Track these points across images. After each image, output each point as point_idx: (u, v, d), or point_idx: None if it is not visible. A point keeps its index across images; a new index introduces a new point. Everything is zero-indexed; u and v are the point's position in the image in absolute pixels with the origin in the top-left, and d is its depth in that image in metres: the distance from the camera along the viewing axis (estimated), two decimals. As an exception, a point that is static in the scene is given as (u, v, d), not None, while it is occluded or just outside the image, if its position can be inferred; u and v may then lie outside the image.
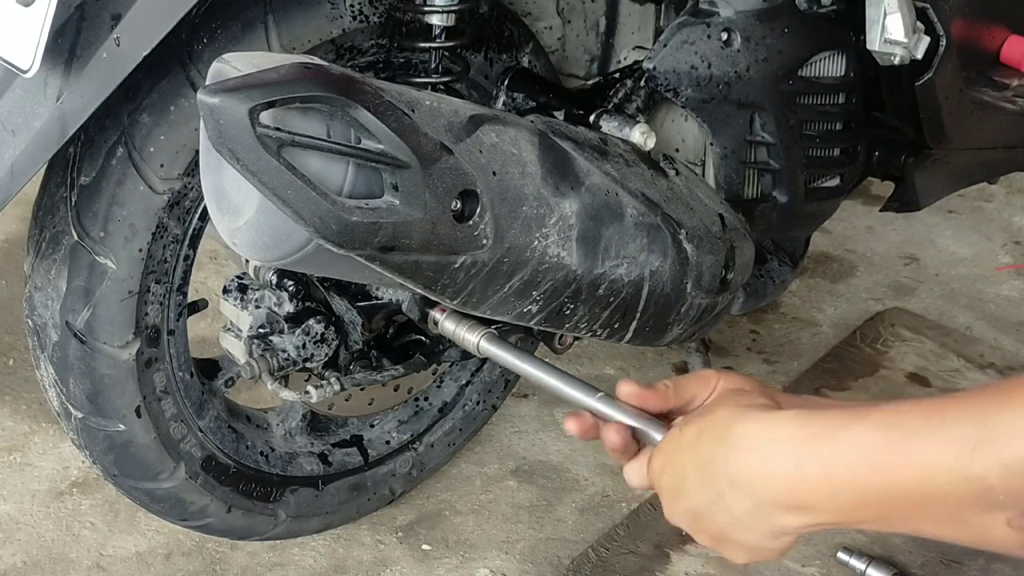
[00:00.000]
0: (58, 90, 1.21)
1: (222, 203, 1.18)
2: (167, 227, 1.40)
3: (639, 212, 1.41)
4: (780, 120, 1.60)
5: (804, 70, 1.61)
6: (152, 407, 1.50)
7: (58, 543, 1.83)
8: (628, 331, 1.47)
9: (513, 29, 1.62)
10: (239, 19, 1.36)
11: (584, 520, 1.93)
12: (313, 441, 1.77)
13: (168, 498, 1.59)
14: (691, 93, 1.53)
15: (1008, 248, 2.78)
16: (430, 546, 1.87)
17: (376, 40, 1.47)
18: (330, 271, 1.37)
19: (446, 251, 1.19)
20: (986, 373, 2.30)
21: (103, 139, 1.35)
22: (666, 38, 1.52)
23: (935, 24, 1.64)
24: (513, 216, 1.24)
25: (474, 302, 1.28)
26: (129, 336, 1.44)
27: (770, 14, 1.55)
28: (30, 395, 2.12)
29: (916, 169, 1.82)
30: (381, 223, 1.12)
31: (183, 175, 1.38)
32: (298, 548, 1.84)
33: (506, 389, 1.98)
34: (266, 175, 1.04)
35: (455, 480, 2.00)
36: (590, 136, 1.44)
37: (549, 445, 2.10)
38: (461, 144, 1.19)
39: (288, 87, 1.05)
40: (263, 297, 1.56)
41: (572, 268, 1.33)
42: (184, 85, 1.34)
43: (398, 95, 1.15)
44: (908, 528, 0.85)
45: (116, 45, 1.20)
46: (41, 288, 1.42)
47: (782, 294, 1.93)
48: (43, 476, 1.96)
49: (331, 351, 1.57)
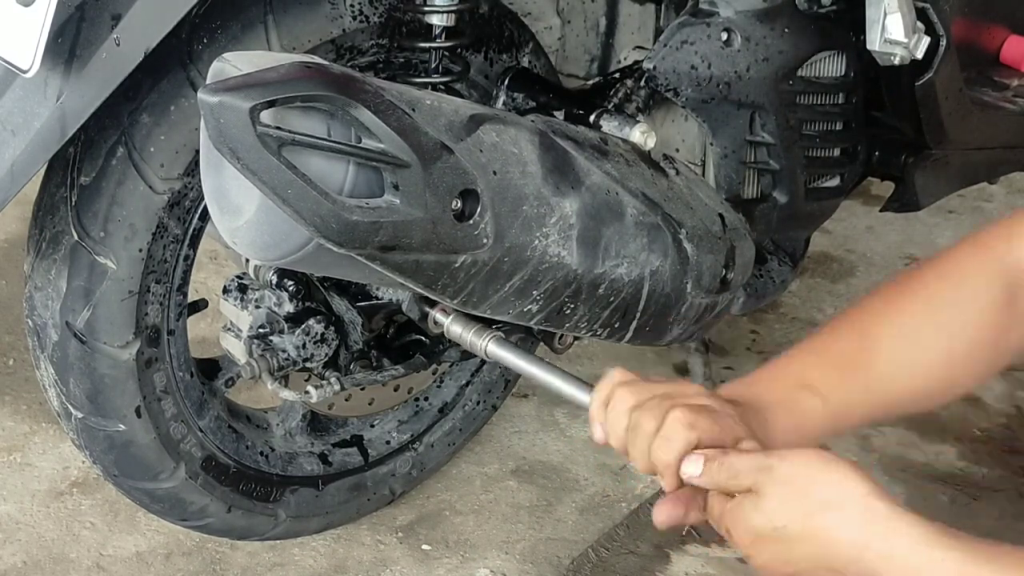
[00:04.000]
0: (58, 90, 1.21)
1: (222, 202, 1.18)
2: (167, 227, 1.40)
3: (639, 212, 1.41)
4: (780, 120, 1.60)
5: (804, 70, 1.62)
6: (152, 407, 1.50)
7: (58, 543, 1.83)
8: (628, 331, 1.47)
9: (513, 29, 1.62)
10: (239, 19, 1.37)
11: (584, 520, 1.93)
12: (313, 441, 1.77)
13: (168, 498, 1.59)
14: (691, 93, 1.53)
15: (1008, 248, 2.77)
16: (430, 546, 1.87)
17: (376, 40, 1.47)
18: (330, 271, 1.37)
19: (446, 250, 1.19)
20: (986, 373, 2.30)
21: (103, 139, 1.35)
22: (666, 38, 1.52)
23: (935, 24, 1.64)
24: (513, 215, 1.25)
25: (474, 301, 1.28)
26: (129, 336, 1.44)
27: (770, 14, 1.55)
28: (30, 395, 2.12)
29: (916, 169, 1.83)
30: (382, 222, 1.12)
31: (183, 175, 1.38)
32: (298, 548, 1.84)
33: (506, 389, 1.98)
34: (267, 174, 1.05)
35: (455, 480, 2.00)
36: (590, 136, 1.44)
37: (549, 445, 2.10)
38: (461, 143, 1.19)
39: (289, 86, 1.05)
40: (263, 297, 1.56)
41: (572, 267, 1.33)
42: (184, 85, 1.34)
43: (399, 94, 1.15)
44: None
45: (116, 45, 1.21)
46: (41, 288, 1.42)
47: (782, 294, 1.93)
48: (43, 476, 1.96)
49: (331, 351, 1.57)
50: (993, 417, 2.18)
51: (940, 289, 1.10)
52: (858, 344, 1.09)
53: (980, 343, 1.09)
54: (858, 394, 1.08)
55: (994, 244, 1.11)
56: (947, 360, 1.09)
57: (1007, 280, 1.08)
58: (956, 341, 1.08)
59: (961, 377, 1.11)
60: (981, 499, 1.97)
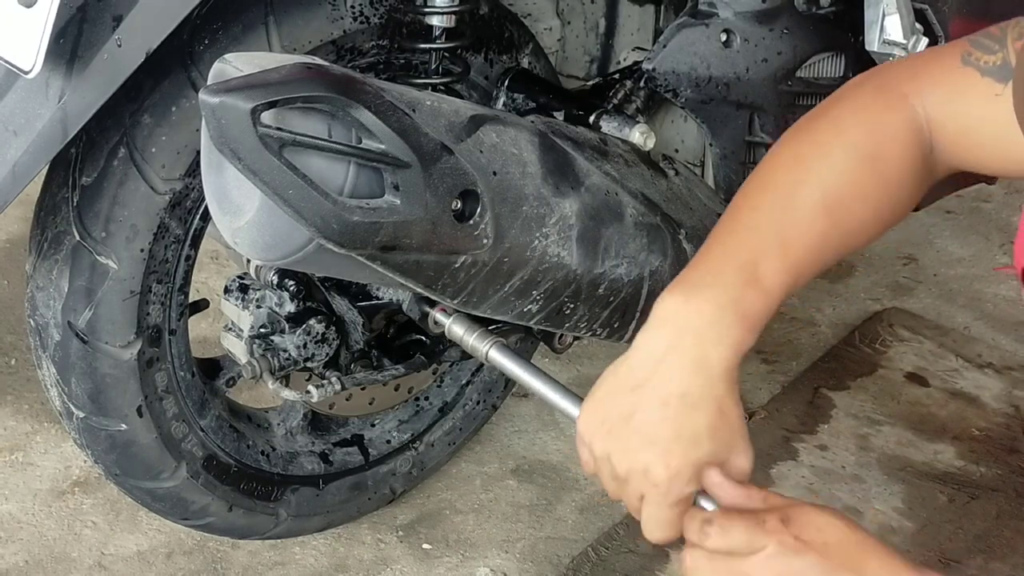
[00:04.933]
0: (60, 91, 1.22)
1: (223, 203, 1.19)
2: (168, 227, 1.41)
3: (639, 212, 1.41)
4: (779, 121, 1.60)
5: (803, 71, 1.62)
6: (154, 407, 1.51)
7: (60, 542, 1.83)
8: (628, 331, 1.47)
9: (513, 30, 1.63)
10: (240, 20, 1.37)
11: (584, 519, 1.93)
12: (314, 440, 1.78)
13: (169, 497, 1.59)
14: (690, 94, 1.53)
15: (1006, 248, 2.78)
16: (430, 545, 1.87)
17: (377, 41, 1.47)
18: (331, 271, 1.38)
19: (447, 251, 1.19)
20: (984, 373, 2.31)
21: (105, 140, 1.35)
22: (666, 39, 1.52)
23: (933, 25, 1.64)
24: (513, 216, 1.25)
25: (474, 301, 1.28)
26: (131, 336, 1.44)
27: (769, 15, 1.56)
28: (32, 395, 2.12)
29: (915, 169, 1.83)
30: (382, 223, 1.12)
31: (184, 176, 1.38)
32: (299, 547, 1.85)
33: (506, 389, 1.99)
34: (267, 175, 1.05)
35: (455, 479, 2.01)
36: (590, 136, 1.45)
37: (549, 444, 2.10)
38: (462, 144, 1.20)
39: (290, 87, 1.06)
40: (264, 297, 1.57)
41: (572, 268, 1.34)
42: (185, 86, 1.35)
43: (399, 95, 1.15)
44: None
45: (118, 46, 1.21)
46: (43, 288, 1.42)
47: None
48: (45, 475, 1.96)
49: (332, 351, 1.58)
50: (991, 416, 2.19)
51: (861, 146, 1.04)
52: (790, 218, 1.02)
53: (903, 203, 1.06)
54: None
55: (905, 92, 1.06)
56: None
57: (920, 133, 1.05)
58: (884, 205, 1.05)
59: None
60: (979, 498, 1.98)
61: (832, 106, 1.08)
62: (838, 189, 1.02)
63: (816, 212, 1.01)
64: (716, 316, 0.98)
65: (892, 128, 1.04)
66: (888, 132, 1.04)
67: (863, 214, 1.04)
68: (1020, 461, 2.07)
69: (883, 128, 1.04)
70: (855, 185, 1.03)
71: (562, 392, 1.18)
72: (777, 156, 1.07)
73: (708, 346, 0.97)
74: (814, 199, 1.02)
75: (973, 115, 1.03)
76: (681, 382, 0.97)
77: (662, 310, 1.00)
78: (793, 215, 1.01)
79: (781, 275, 1.00)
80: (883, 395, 2.23)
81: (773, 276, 0.99)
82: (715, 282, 0.99)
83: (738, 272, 0.99)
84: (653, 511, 0.99)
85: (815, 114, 1.09)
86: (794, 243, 1.01)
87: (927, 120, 1.05)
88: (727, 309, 0.98)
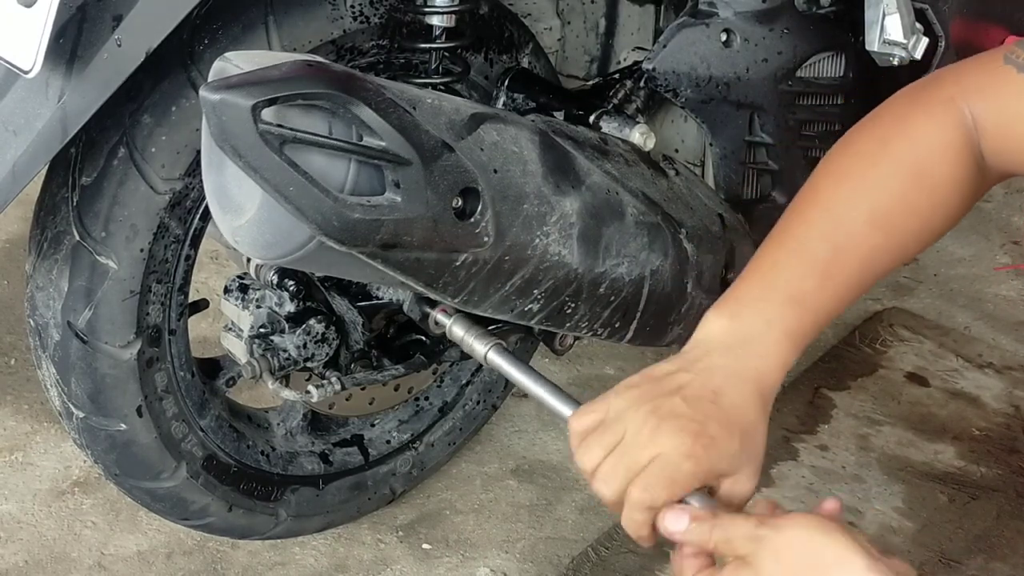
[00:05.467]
0: (60, 91, 1.21)
1: (224, 201, 1.19)
2: (168, 227, 1.41)
3: (640, 211, 1.41)
4: (779, 121, 1.60)
5: (803, 71, 1.62)
6: (153, 407, 1.50)
7: (59, 542, 1.83)
8: (629, 331, 1.47)
9: (513, 30, 1.63)
10: (240, 20, 1.37)
11: (584, 519, 1.93)
12: (314, 440, 1.78)
13: (169, 497, 1.59)
14: (690, 94, 1.53)
15: (1007, 248, 2.78)
16: (430, 545, 1.87)
17: (377, 41, 1.47)
18: (332, 269, 1.38)
19: (447, 248, 1.19)
20: (985, 373, 2.31)
21: (104, 139, 1.35)
22: (666, 39, 1.52)
23: (934, 25, 1.64)
24: (514, 214, 1.25)
25: (475, 300, 1.28)
26: (130, 336, 1.44)
27: (769, 15, 1.56)
28: (32, 395, 2.12)
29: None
30: (383, 220, 1.12)
31: (184, 175, 1.38)
32: (299, 547, 1.85)
33: (506, 389, 1.98)
34: (268, 172, 1.05)
35: (455, 479, 2.01)
36: (590, 136, 1.45)
37: (549, 445, 2.10)
38: (462, 142, 1.19)
39: (290, 84, 1.06)
40: (264, 297, 1.57)
41: (573, 266, 1.33)
42: (185, 86, 1.34)
43: (400, 93, 1.15)
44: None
45: (117, 46, 1.21)
46: (43, 288, 1.42)
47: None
48: (44, 475, 1.96)
49: (332, 351, 1.58)
50: (992, 417, 2.19)
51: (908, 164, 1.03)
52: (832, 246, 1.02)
53: (954, 209, 1.06)
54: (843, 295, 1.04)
55: (950, 98, 1.05)
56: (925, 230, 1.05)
57: (968, 140, 1.04)
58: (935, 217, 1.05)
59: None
60: (980, 498, 1.98)
61: (879, 118, 1.08)
62: (886, 205, 1.02)
63: (865, 228, 1.02)
64: (762, 331, 0.98)
65: (938, 140, 1.04)
66: (934, 145, 1.04)
67: (913, 226, 1.04)
68: (1020, 461, 2.07)
69: (928, 141, 1.04)
70: (903, 200, 1.03)
71: (560, 396, 1.18)
72: (825, 170, 1.07)
73: (754, 359, 0.98)
74: (863, 215, 1.02)
75: (1016, 112, 1.03)
76: (721, 383, 0.97)
77: (709, 323, 1.01)
78: (842, 232, 1.02)
79: (828, 292, 1.01)
80: (883, 395, 2.23)
81: (820, 293, 1.00)
82: (763, 296, 1.00)
83: (785, 289, 1.00)
84: (642, 496, 0.96)
85: (863, 125, 1.09)
86: (842, 260, 1.01)
87: (974, 122, 1.04)
88: (774, 325, 0.98)
